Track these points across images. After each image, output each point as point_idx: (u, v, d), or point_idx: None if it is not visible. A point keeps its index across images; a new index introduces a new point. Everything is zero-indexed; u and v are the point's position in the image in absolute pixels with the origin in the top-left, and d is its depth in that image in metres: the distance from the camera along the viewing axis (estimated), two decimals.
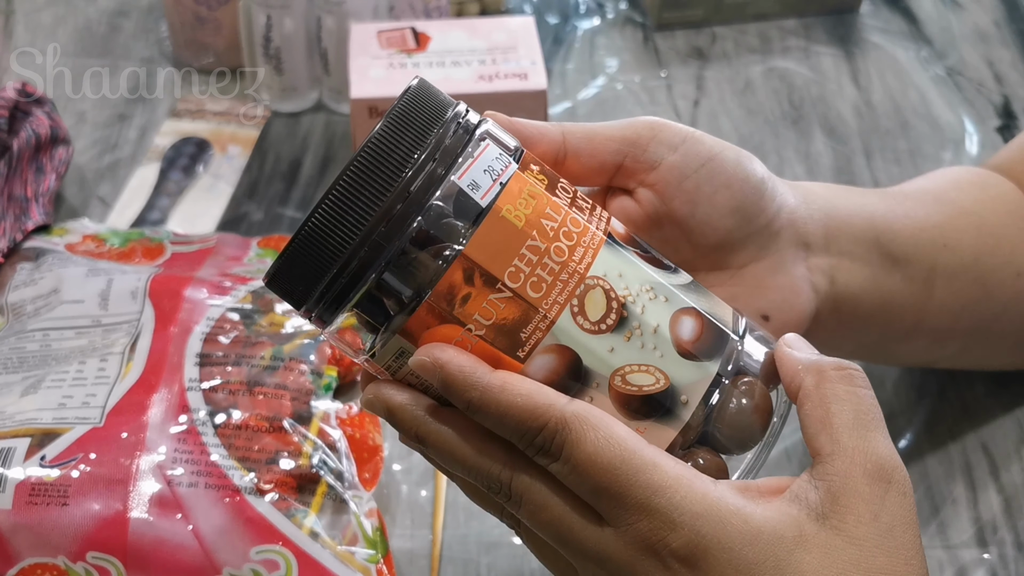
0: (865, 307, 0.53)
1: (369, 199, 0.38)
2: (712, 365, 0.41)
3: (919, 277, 0.55)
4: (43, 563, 0.54)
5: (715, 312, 0.42)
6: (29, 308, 0.67)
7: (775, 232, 0.49)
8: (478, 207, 0.39)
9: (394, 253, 0.38)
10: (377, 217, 0.38)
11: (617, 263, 0.40)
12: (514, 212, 0.39)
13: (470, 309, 0.39)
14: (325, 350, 0.65)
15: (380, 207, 0.38)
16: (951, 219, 0.57)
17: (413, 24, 0.84)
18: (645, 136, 0.47)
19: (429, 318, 0.39)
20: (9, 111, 0.78)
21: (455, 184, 0.39)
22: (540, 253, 0.39)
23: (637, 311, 0.40)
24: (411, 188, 0.38)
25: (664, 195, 0.47)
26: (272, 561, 0.55)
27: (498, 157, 0.40)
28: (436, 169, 0.39)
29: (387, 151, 0.39)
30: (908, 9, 1.01)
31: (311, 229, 0.38)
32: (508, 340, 0.39)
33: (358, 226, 0.38)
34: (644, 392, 0.40)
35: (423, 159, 0.39)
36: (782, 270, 0.49)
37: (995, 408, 0.68)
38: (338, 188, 0.38)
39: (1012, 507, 0.63)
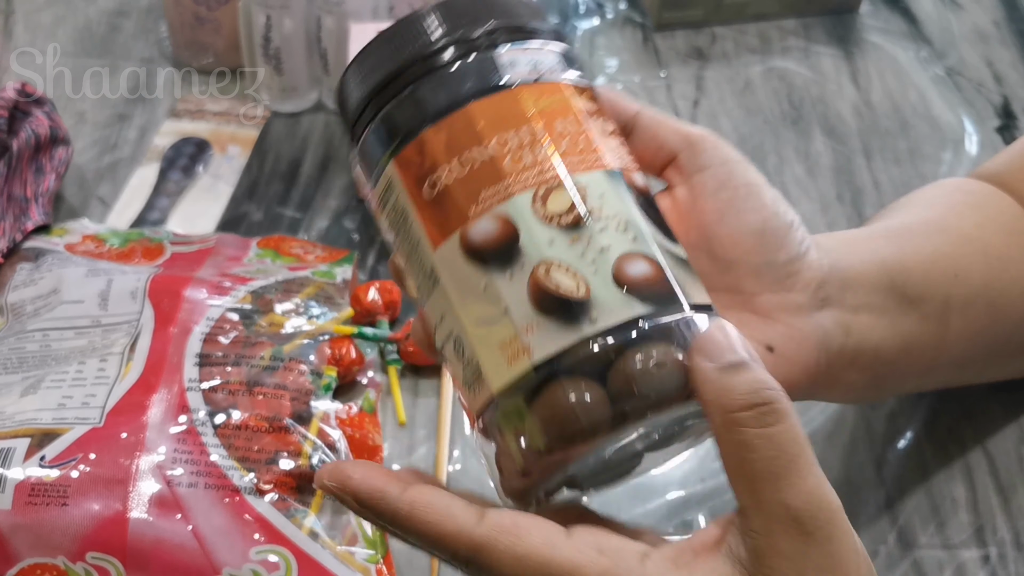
0: (886, 355, 0.53)
1: (425, 28, 0.43)
2: (640, 307, 0.40)
3: (935, 313, 0.55)
4: (43, 563, 0.54)
5: (681, 280, 0.41)
6: (29, 308, 0.67)
7: (793, 272, 0.49)
8: (499, 80, 0.42)
9: (423, 81, 0.42)
10: (420, 47, 0.43)
11: (607, 188, 0.41)
12: (530, 100, 0.42)
13: (451, 153, 0.41)
14: (325, 350, 0.65)
15: (427, 41, 0.43)
16: (957, 248, 0.57)
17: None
18: (706, 142, 0.49)
19: (418, 152, 0.42)
20: (9, 111, 0.78)
21: (497, 54, 0.42)
22: (536, 140, 0.41)
23: (596, 227, 0.40)
24: (462, 38, 0.43)
25: (700, 197, 0.48)
26: (272, 561, 0.55)
27: (553, 63, 0.43)
28: (493, 38, 0.43)
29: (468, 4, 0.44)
30: (908, 9, 1.01)
31: (382, 36, 0.44)
32: (468, 194, 0.41)
33: (408, 48, 0.43)
34: (559, 292, 0.40)
35: (489, 27, 0.43)
36: (795, 310, 0.49)
37: (995, 408, 0.68)
38: (426, 10, 0.43)
39: (1012, 507, 0.63)
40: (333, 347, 0.66)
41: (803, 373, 0.49)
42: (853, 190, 0.82)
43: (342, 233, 0.80)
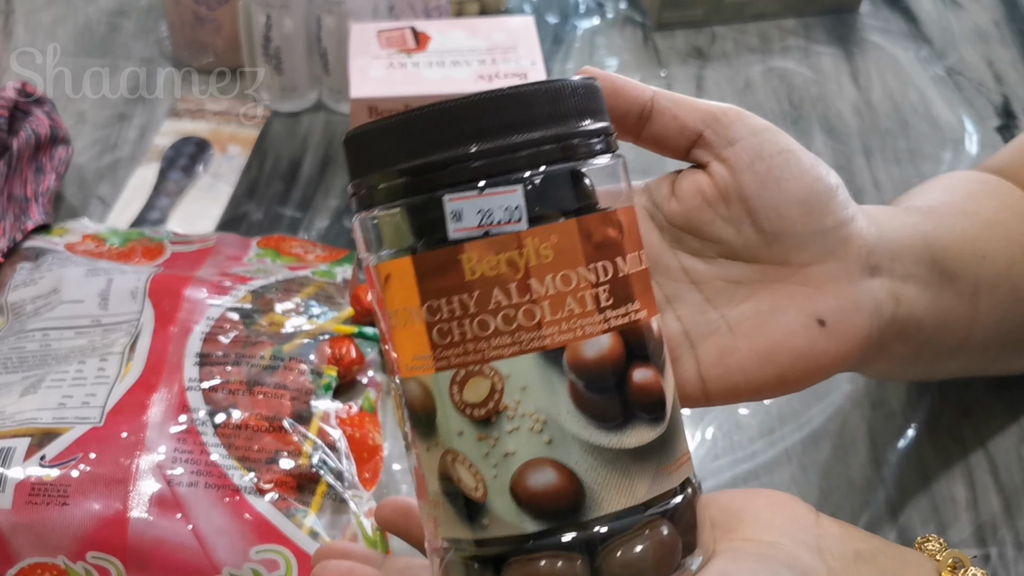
0: (927, 329, 0.52)
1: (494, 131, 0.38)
2: (531, 524, 0.37)
3: (967, 292, 0.54)
4: (43, 563, 0.54)
5: (601, 486, 0.38)
6: (29, 308, 0.67)
7: (842, 238, 0.48)
8: (446, 235, 0.37)
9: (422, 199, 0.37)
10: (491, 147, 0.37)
11: (534, 377, 0.37)
12: (471, 264, 0.37)
13: (393, 301, 0.39)
14: (325, 350, 0.65)
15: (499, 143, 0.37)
16: (982, 231, 0.57)
17: (413, 24, 0.84)
18: (730, 115, 0.48)
19: (383, 277, 0.39)
20: (9, 111, 0.78)
21: (438, 200, 0.37)
22: (467, 314, 0.37)
23: (506, 427, 0.37)
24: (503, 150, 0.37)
25: (736, 170, 0.47)
26: (272, 561, 0.55)
27: (511, 208, 0.37)
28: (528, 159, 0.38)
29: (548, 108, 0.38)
30: (908, 9, 1.01)
31: (424, 113, 0.38)
32: (406, 349, 0.39)
33: (470, 140, 0.37)
34: (460, 486, 0.38)
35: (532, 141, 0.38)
36: (846, 279, 0.48)
37: (995, 408, 0.68)
38: (488, 100, 0.38)
39: (1012, 507, 0.63)
40: (333, 347, 0.66)
41: (855, 345, 0.47)
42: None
43: (342, 233, 0.80)
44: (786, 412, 0.68)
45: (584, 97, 0.40)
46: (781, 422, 0.68)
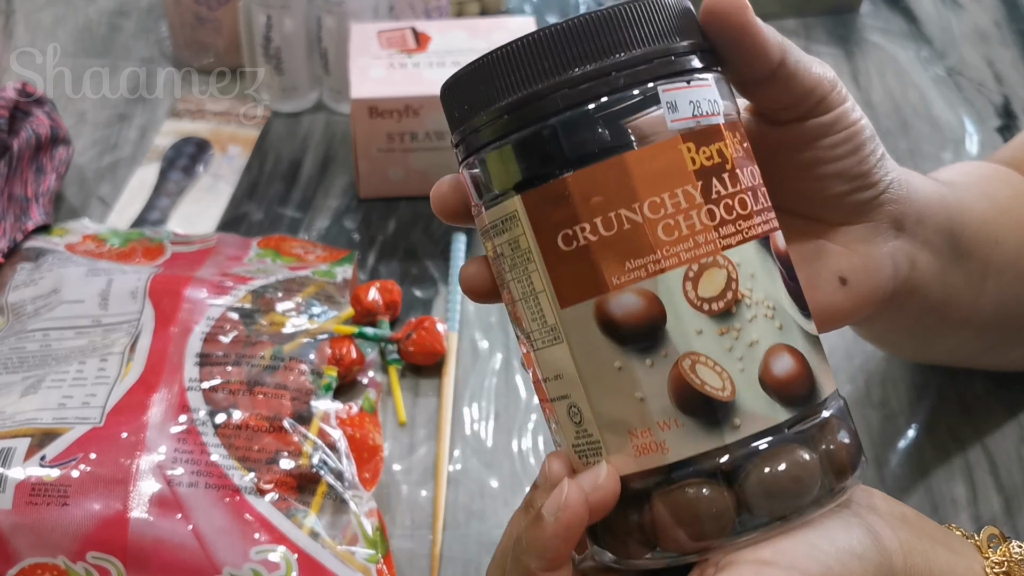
0: (933, 299, 0.52)
1: (580, 54, 0.38)
2: (783, 412, 0.38)
3: (976, 272, 0.54)
4: (43, 563, 0.55)
5: (819, 371, 0.39)
6: (29, 308, 0.67)
7: (877, 204, 0.48)
8: (665, 128, 0.38)
9: (571, 116, 0.37)
10: (573, 72, 0.38)
11: (758, 264, 0.38)
12: (692, 153, 0.38)
13: (595, 210, 0.38)
14: (325, 350, 0.65)
15: (585, 68, 0.38)
16: (998, 216, 0.57)
17: (413, 24, 0.84)
18: (827, 85, 0.46)
19: (555, 197, 0.38)
20: (9, 111, 0.78)
21: (657, 94, 0.38)
22: (693, 205, 0.38)
23: (747, 316, 0.38)
24: (620, 70, 0.38)
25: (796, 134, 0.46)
26: (272, 561, 0.55)
27: (712, 101, 0.39)
28: (653, 69, 0.38)
29: (625, 24, 0.38)
30: (908, 9, 1.01)
31: (529, 41, 0.38)
32: (611, 260, 0.38)
33: (559, 68, 0.38)
34: (705, 390, 0.38)
35: (646, 53, 0.38)
36: (872, 240, 0.48)
37: (995, 408, 0.68)
38: (568, 25, 0.38)
39: (1012, 507, 0.63)
40: (333, 347, 0.66)
41: (870, 303, 0.48)
42: None
43: (342, 233, 0.80)
44: None
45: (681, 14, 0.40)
46: None
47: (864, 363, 0.70)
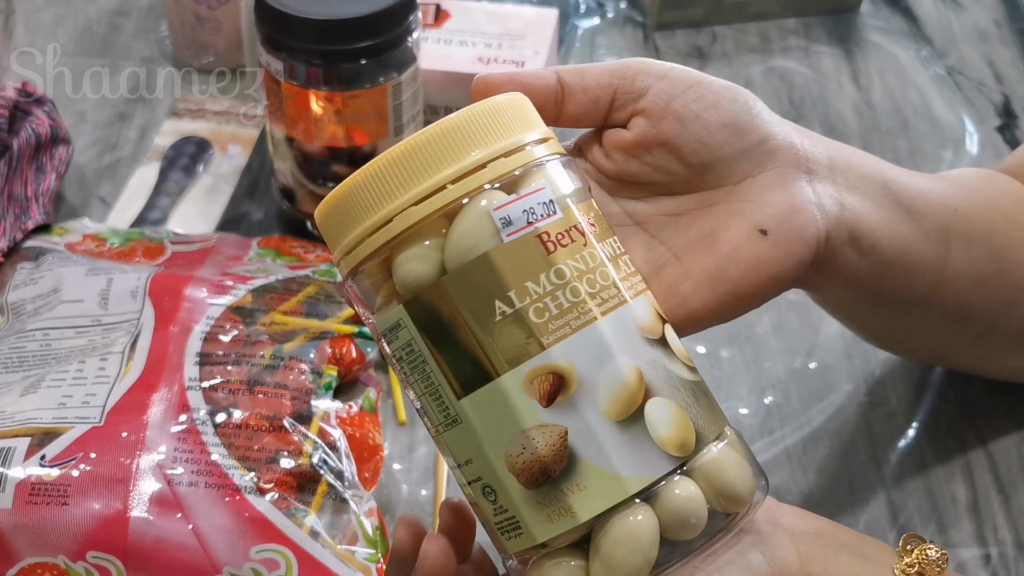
0: (884, 249, 0.51)
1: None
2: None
3: (934, 232, 0.53)
4: (43, 563, 0.55)
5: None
6: (29, 307, 0.67)
7: (771, 150, 0.48)
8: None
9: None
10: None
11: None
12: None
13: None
14: (325, 349, 0.65)
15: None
16: (958, 191, 0.56)
17: (440, 0, 0.85)
18: (633, 68, 0.49)
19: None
20: (9, 111, 0.78)
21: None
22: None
23: None
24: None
25: (653, 117, 0.48)
26: (272, 560, 0.55)
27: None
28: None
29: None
30: (908, 9, 1.01)
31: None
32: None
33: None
34: None
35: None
36: (781, 187, 0.48)
37: (995, 408, 0.68)
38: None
39: (1012, 507, 0.63)
40: (333, 346, 0.66)
41: (802, 246, 0.48)
42: None
43: None
44: (786, 412, 0.68)
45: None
46: (781, 422, 0.68)
47: (864, 363, 0.70)
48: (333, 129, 0.71)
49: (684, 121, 0.48)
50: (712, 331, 0.72)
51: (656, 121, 0.48)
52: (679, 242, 0.49)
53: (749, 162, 0.48)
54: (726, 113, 0.48)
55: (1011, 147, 0.87)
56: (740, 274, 0.47)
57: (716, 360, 0.71)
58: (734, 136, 0.48)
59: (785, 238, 0.47)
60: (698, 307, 0.48)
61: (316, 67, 0.69)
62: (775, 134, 0.49)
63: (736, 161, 0.48)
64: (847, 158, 0.51)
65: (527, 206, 0.40)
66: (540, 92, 0.47)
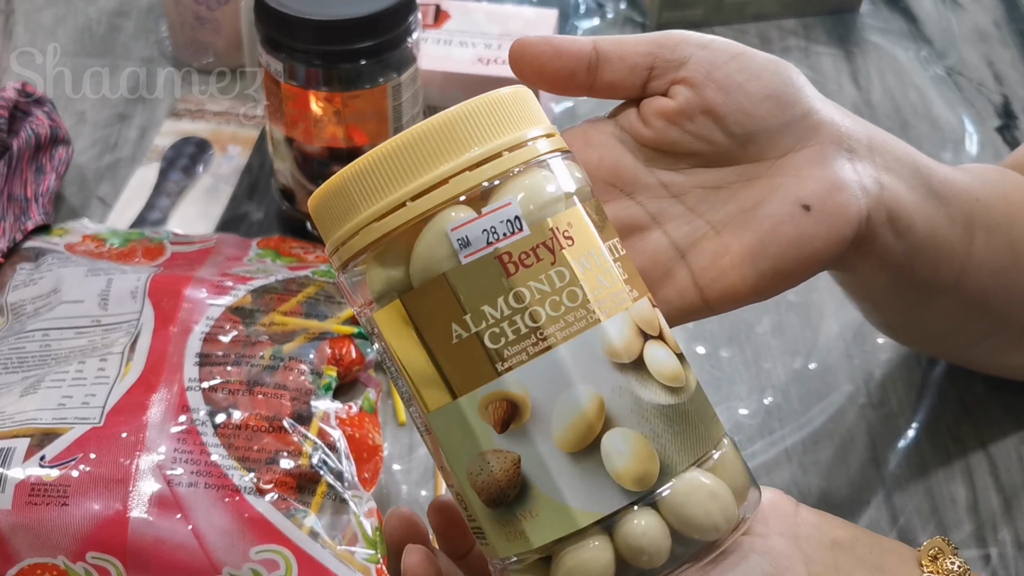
0: (918, 231, 0.51)
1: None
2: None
3: (960, 219, 0.53)
4: (43, 563, 0.54)
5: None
6: (29, 308, 0.67)
7: (813, 125, 0.48)
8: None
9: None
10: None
11: None
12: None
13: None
14: (325, 350, 0.65)
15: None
16: (978, 184, 0.56)
17: (440, 1, 0.85)
18: (674, 38, 0.48)
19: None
20: (9, 111, 0.78)
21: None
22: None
23: None
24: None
25: (695, 85, 0.47)
26: (272, 561, 0.55)
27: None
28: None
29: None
30: (908, 9, 1.01)
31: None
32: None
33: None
34: None
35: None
36: (823, 163, 0.48)
37: (995, 408, 0.68)
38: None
39: (1012, 507, 0.63)
40: (333, 347, 0.66)
41: (844, 224, 0.47)
42: None
43: None
44: (786, 412, 0.68)
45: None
46: (781, 422, 0.68)
47: (864, 363, 0.70)
48: (333, 130, 0.71)
49: (727, 90, 0.47)
50: (712, 331, 0.72)
51: (698, 88, 0.47)
52: (718, 215, 0.48)
53: (792, 135, 0.48)
54: (769, 85, 0.48)
55: (1010, 147, 0.87)
56: (781, 250, 0.46)
57: (716, 360, 0.71)
58: (777, 108, 0.48)
59: (828, 214, 0.47)
60: (736, 282, 0.47)
61: (316, 67, 0.69)
62: (817, 109, 0.49)
63: (779, 134, 0.48)
64: (883, 139, 0.51)
65: (487, 225, 0.38)
66: (574, 55, 0.47)
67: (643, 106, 0.49)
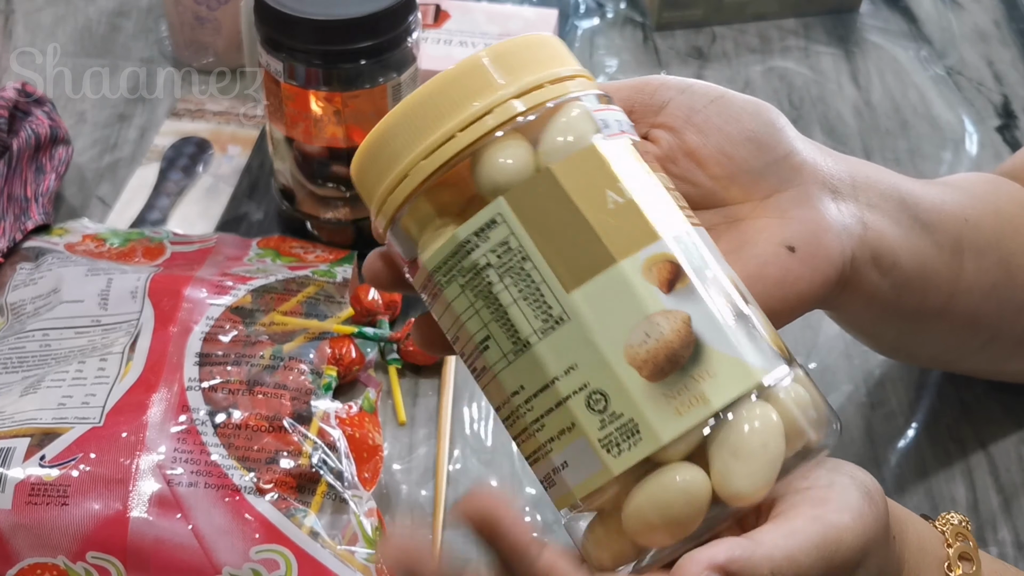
0: (905, 266, 0.51)
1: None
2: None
3: (948, 245, 0.53)
4: (43, 563, 0.55)
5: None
6: (29, 308, 0.67)
7: (796, 166, 0.48)
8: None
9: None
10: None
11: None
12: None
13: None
14: (325, 350, 0.65)
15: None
16: (967, 200, 0.56)
17: (440, 1, 0.85)
18: (652, 84, 0.49)
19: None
20: (9, 111, 0.78)
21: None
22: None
23: None
24: None
25: (674, 129, 0.47)
26: (272, 561, 0.55)
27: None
28: None
29: None
30: (908, 9, 1.01)
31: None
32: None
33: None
34: None
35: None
36: (807, 203, 0.48)
37: (995, 408, 0.68)
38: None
39: (1012, 507, 0.63)
40: (333, 346, 0.66)
41: (829, 265, 0.47)
42: None
43: None
44: None
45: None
46: None
47: (864, 363, 0.70)
48: (333, 129, 0.71)
49: (706, 133, 0.47)
50: None
51: (677, 133, 0.47)
52: None
53: (775, 177, 0.48)
54: (750, 127, 0.48)
55: (1010, 147, 0.87)
56: (766, 291, 0.46)
57: None
58: (758, 150, 0.47)
59: (812, 256, 0.47)
60: None
61: (316, 67, 0.69)
62: (799, 150, 0.48)
63: (762, 175, 0.48)
64: (866, 175, 0.51)
65: (615, 117, 0.41)
66: None
67: None
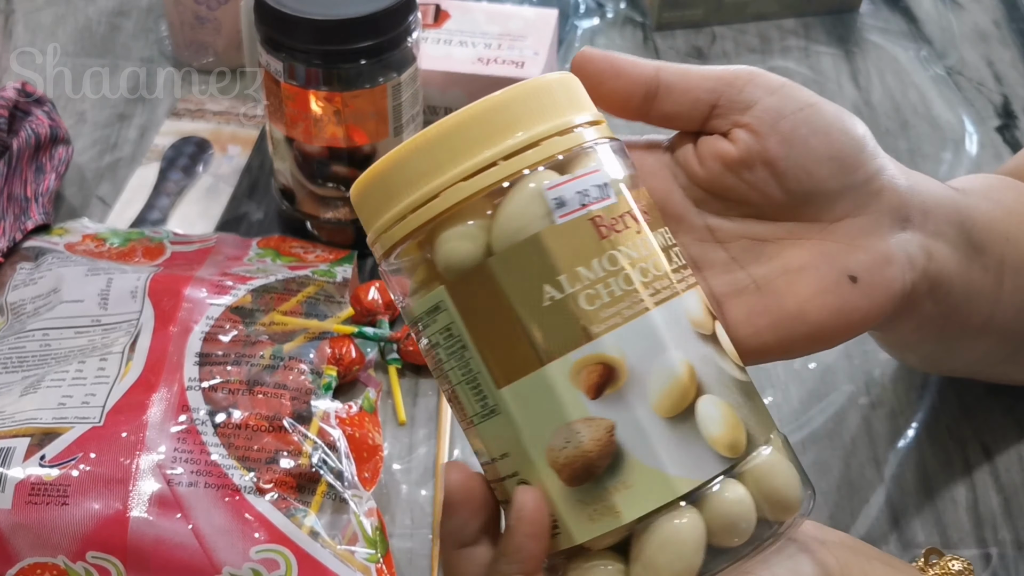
0: (956, 294, 0.50)
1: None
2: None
3: (993, 267, 0.52)
4: (43, 563, 0.54)
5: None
6: (29, 308, 0.67)
7: (874, 191, 0.46)
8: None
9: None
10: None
11: None
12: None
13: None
14: (325, 350, 0.65)
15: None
16: (1005, 216, 0.55)
17: (440, 1, 0.85)
18: (743, 78, 0.47)
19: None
20: (9, 111, 0.78)
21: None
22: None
23: None
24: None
25: (759, 134, 0.45)
26: (272, 560, 0.55)
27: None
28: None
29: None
30: (908, 9, 1.01)
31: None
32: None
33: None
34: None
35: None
36: (877, 232, 0.46)
37: (995, 408, 0.68)
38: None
39: (1012, 507, 0.63)
40: (333, 346, 0.66)
41: (887, 300, 0.46)
42: None
43: None
44: (786, 412, 0.68)
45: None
46: (781, 422, 0.67)
47: (864, 363, 0.70)
48: (333, 129, 0.71)
49: (791, 144, 0.45)
50: None
51: (761, 137, 0.45)
52: (761, 270, 0.46)
53: (850, 201, 0.46)
54: (836, 144, 0.46)
55: (1010, 147, 0.87)
56: (821, 319, 0.45)
57: None
58: (840, 171, 0.46)
59: (874, 288, 0.46)
60: (770, 341, 0.46)
61: (316, 67, 0.69)
62: (879, 175, 0.47)
63: (838, 197, 0.46)
64: (936, 199, 0.49)
65: (581, 187, 0.39)
66: (633, 80, 0.45)
67: (701, 144, 0.47)
